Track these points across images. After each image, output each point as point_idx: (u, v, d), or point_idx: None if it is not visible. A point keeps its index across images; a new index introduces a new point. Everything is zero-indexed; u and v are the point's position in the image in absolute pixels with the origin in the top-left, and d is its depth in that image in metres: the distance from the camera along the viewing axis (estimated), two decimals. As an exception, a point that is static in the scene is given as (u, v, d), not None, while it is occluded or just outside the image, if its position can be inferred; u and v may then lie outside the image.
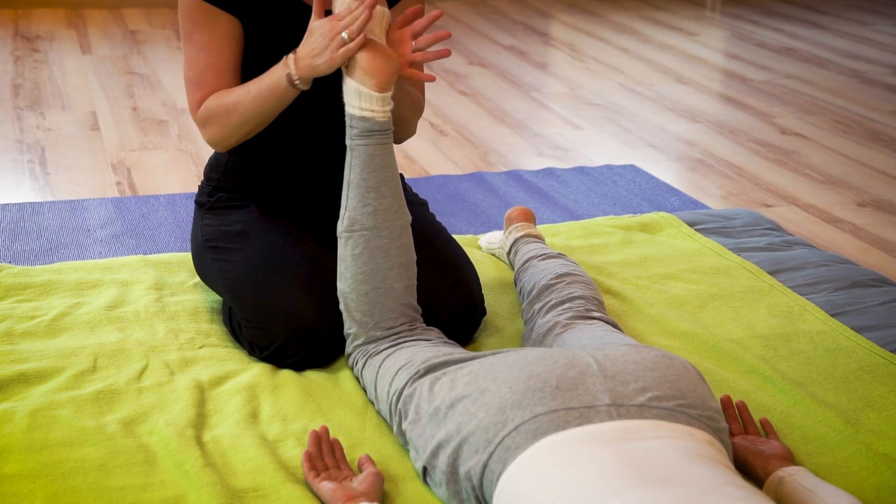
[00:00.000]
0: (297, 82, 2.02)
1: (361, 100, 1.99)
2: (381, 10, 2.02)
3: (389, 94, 2.01)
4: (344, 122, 2.16)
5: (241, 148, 2.25)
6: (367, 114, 2.00)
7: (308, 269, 2.15)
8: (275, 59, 2.07)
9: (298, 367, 2.13)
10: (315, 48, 1.98)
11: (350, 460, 1.84)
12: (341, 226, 2.04)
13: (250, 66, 2.15)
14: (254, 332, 2.14)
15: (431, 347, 1.95)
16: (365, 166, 2.02)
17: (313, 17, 2.01)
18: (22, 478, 1.75)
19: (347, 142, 2.03)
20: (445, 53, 2.07)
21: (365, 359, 2.02)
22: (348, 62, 1.99)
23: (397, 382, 1.87)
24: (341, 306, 2.06)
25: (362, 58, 1.97)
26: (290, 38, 2.08)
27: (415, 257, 2.07)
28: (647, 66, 5.20)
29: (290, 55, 2.02)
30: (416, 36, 2.05)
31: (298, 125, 2.22)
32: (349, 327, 2.06)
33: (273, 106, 2.07)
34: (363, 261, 2.02)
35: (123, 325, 2.28)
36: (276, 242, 2.20)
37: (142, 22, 5.64)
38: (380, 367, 1.96)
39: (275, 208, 2.30)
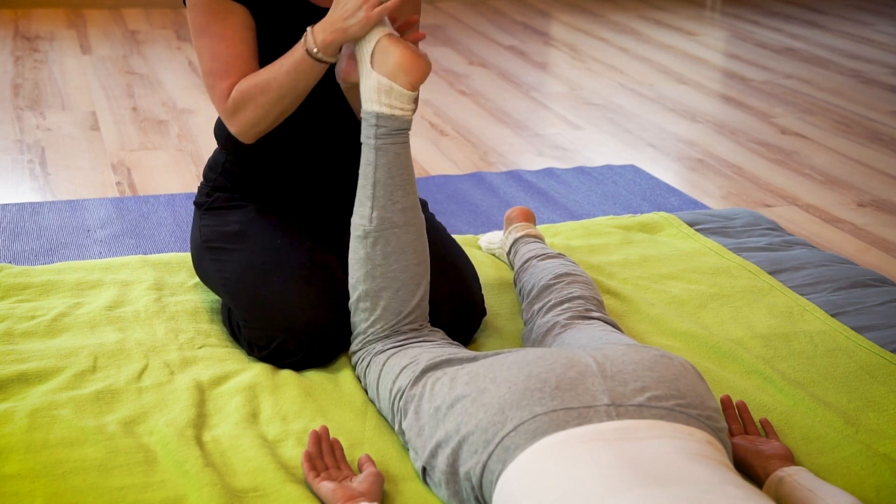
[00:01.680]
0: (317, 54, 1.99)
1: (392, 97, 1.95)
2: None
3: (417, 93, 1.98)
4: (342, 122, 2.16)
5: (238, 148, 2.25)
6: (396, 112, 1.96)
7: (306, 268, 2.15)
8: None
9: (297, 366, 2.13)
10: (347, 10, 1.95)
11: (350, 460, 1.84)
12: (368, 225, 2.00)
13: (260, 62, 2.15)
14: (252, 332, 2.14)
15: (436, 348, 1.94)
16: (392, 165, 1.99)
17: None
18: (22, 478, 1.75)
19: (368, 141, 1.99)
20: (419, 36, 2.04)
21: (370, 357, 2.02)
22: (375, 55, 1.95)
23: (401, 381, 1.87)
24: (362, 305, 2.04)
25: (398, 54, 1.93)
26: (297, 38, 2.07)
27: (429, 255, 2.07)
28: (647, 66, 5.20)
29: (309, 29, 2.00)
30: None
31: (296, 125, 2.21)
32: (370, 325, 2.04)
33: (306, 80, 2.04)
34: (395, 258, 2.00)
35: (123, 325, 2.28)
36: (273, 242, 2.20)
37: (142, 22, 5.64)
38: (384, 365, 1.96)
39: (272, 208, 2.29)
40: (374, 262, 2.01)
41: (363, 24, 1.94)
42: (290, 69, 2.02)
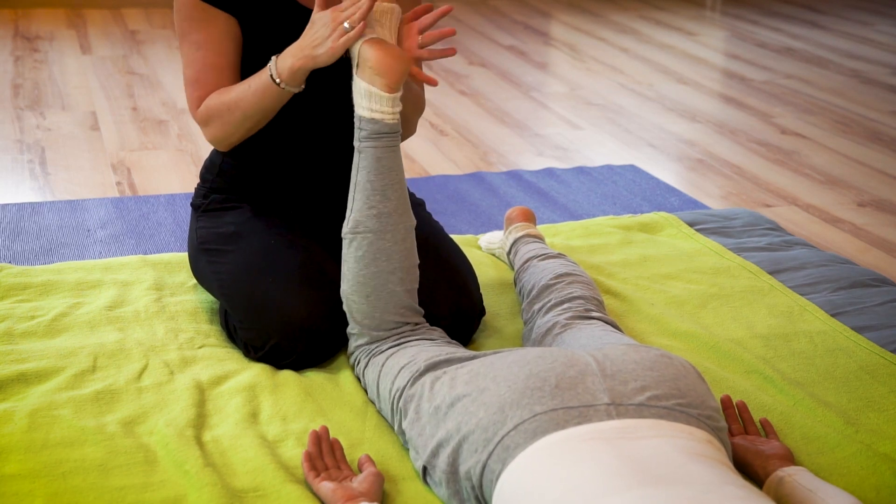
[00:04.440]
0: (280, 84, 2.01)
1: (372, 101, 1.97)
2: (391, 6, 1.99)
3: (399, 94, 1.99)
4: (338, 122, 2.16)
5: (235, 149, 2.25)
6: (376, 115, 1.98)
7: (300, 268, 2.15)
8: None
9: (294, 366, 2.13)
10: (316, 38, 1.96)
11: (350, 460, 1.84)
12: (346, 227, 2.03)
13: (247, 66, 2.15)
14: (248, 333, 2.14)
15: (434, 347, 1.94)
16: (371, 169, 2.00)
17: (316, 7, 1.99)
18: (22, 478, 1.75)
19: (355, 143, 2.02)
20: (450, 52, 2.04)
21: (368, 358, 2.02)
22: (359, 62, 1.97)
23: (399, 381, 1.87)
24: (344, 306, 2.06)
25: (372, 57, 1.95)
26: (286, 39, 2.07)
27: (417, 261, 2.07)
28: (647, 66, 5.20)
29: (274, 57, 2.02)
30: (422, 31, 2.03)
31: (293, 126, 2.21)
32: (352, 328, 2.06)
33: (272, 103, 2.06)
34: (365, 263, 2.01)
35: (123, 325, 2.28)
36: (267, 242, 2.20)
37: (142, 22, 5.64)
38: (382, 365, 1.96)
39: (269, 209, 2.29)
40: (348, 264, 2.03)
41: (330, 54, 1.96)
42: (257, 91, 2.04)
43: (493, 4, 6.55)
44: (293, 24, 2.10)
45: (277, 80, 2.01)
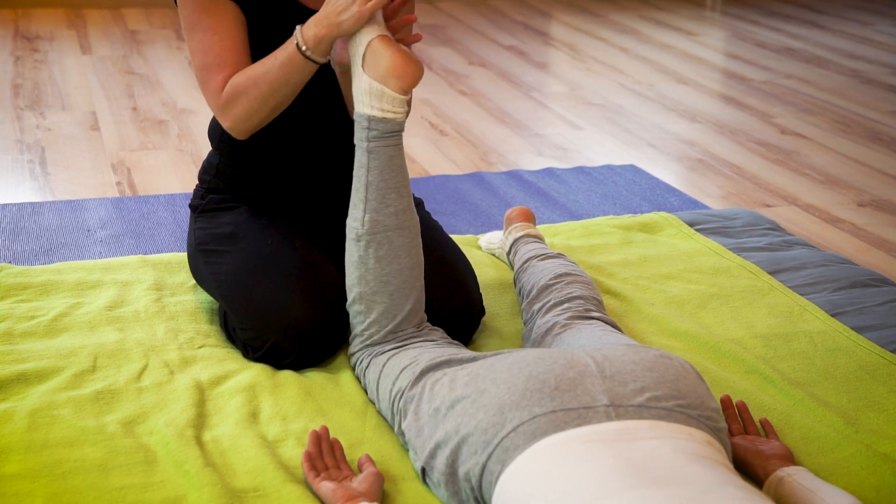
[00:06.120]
0: (306, 51, 1.98)
1: (384, 101, 1.95)
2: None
3: (409, 97, 1.97)
4: (335, 123, 2.15)
5: (233, 150, 2.25)
6: (388, 115, 1.95)
7: (298, 269, 2.15)
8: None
9: (293, 366, 2.13)
10: (340, 4, 1.93)
11: (350, 460, 1.84)
12: (361, 228, 2.00)
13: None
14: (247, 334, 2.14)
15: (436, 348, 1.94)
16: (385, 167, 1.99)
17: None
18: (22, 478, 1.75)
19: (360, 143, 1.99)
20: (416, 38, 2.04)
21: (370, 358, 2.02)
22: (368, 58, 1.94)
23: (401, 382, 1.87)
24: (357, 307, 2.04)
25: (389, 57, 1.92)
26: (287, 37, 2.07)
27: (423, 257, 2.07)
28: (647, 66, 5.20)
29: (299, 27, 1.99)
30: (388, 19, 2.03)
31: (290, 125, 2.21)
32: (365, 328, 2.04)
33: (298, 76, 2.02)
34: (388, 261, 2.00)
35: (123, 325, 2.28)
36: (265, 243, 2.20)
37: (142, 22, 5.64)
38: (384, 366, 1.96)
39: (267, 209, 2.29)
40: (367, 265, 2.01)
41: (356, 19, 1.92)
42: (284, 63, 2.01)
43: (493, 4, 6.55)
44: (295, 23, 2.10)
45: (303, 48, 1.98)
